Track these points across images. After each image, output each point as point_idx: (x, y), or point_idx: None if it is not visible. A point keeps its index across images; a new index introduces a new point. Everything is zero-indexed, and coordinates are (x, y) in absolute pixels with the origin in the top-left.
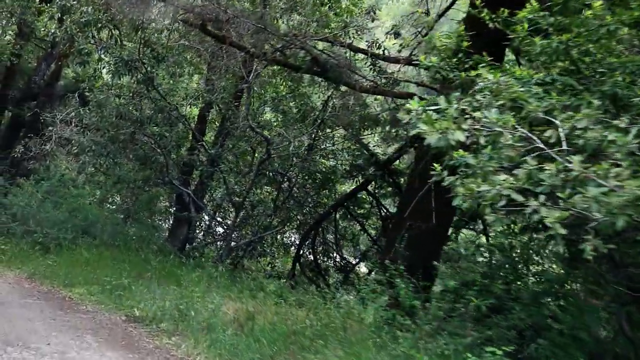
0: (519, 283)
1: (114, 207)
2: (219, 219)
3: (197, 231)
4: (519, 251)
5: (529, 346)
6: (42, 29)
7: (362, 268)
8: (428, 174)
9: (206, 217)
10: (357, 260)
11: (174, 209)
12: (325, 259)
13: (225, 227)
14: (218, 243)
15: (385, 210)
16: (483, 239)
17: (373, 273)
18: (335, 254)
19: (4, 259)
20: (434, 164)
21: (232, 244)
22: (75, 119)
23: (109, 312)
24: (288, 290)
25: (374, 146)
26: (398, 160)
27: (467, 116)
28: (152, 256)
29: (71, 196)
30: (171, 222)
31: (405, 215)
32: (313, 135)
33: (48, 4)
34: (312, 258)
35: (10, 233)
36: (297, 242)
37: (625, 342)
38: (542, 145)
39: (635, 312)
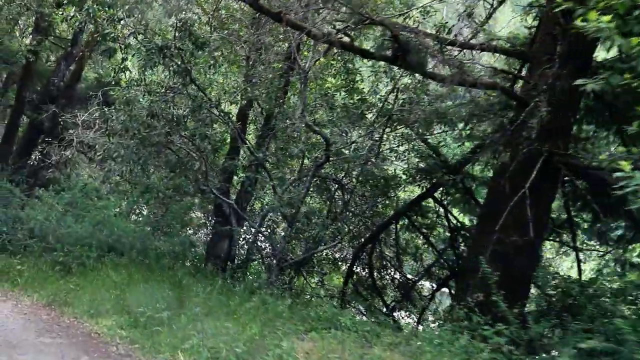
0: None
1: (140, 219)
2: (265, 232)
3: (239, 246)
4: None
5: None
6: (61, 20)
7: (426, 284)
8: (522, 177)
9: (250, 230)
10: (419, 276)
11: (212, 221)
12: (382, 276)
13: (273, 241)
14: (265, 260)
15: (455, 221)
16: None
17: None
18: (393, 270)
19: (20, 282)
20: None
21: (283, 261)
22: (100, 120)
23: (146, 356)
24: (364, 323)
25: (442, 146)
26: (470, 164)
27: None
28: (190, 278)
29: (95, 208)
30: (207, 235)
31: (487, 226)
32: (379, 135)
33: None
34: (364, 274)
35: (27, 251)
36: (350, 257)
37: None
38: None
39: None
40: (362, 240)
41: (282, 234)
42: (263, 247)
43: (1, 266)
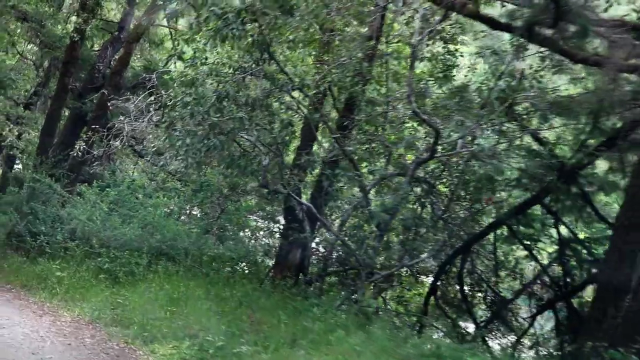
0: None
1: (193, 220)
2: (347, 240)
3: (313, 256)
4: None
5: None
6: None
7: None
8: None
9: (327, 238)
10: (515, 295)
11: (282, 225)
12: (472, 292)
13: (358, 251)
14: (347, 274)
15: (566, 231)
16: None
17: None
18: (485, 286)
19: (59, 292)
20: None
21: (370, 275)
22: (155, 106)
23: None
24: None
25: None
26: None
27: None
28: (259, 293)
29: (143, 207)
30: (267, 241)
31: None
32: (500, 127)
33: None
34: (448, 289)
35: (67, 255)
36: (436, 270)
37: None
38: None
39: None
40: (452, 251)
41: (369, 242)
42: (341, 256)
43: (39, 271)
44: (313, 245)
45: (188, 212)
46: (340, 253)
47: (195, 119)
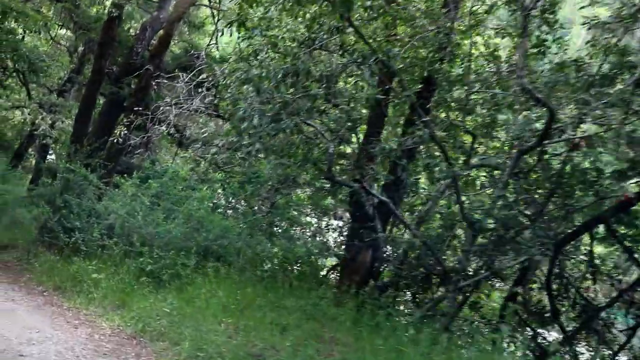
0: None
1: (239, 215)
2: (429, 241)
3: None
4: None
5: None
6: None
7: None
8: None
9: (399, 237)
10: (610, 302)
11: (349, 222)
12: (559, 298)
13: (439, 253)
14: (428, 280)
15: None
16: None
17: None
18: (574, 291)
19: (96, 296)
20: None
21: (459, 282)
22: (207, 84)
23: None
24: None
25: None
26: None
27: None
28: (328, 303)
29: (188, 201)
30: (333, 241)
31: None
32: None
33: None
34: (530, 295)
35: (105, 253)
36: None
37: None
38: None
39: None
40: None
41: (455, 244)
42: (419, 259)
43: (73, 271)
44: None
45: (233, 206)
46: (418, 256)
47: (262, 97)
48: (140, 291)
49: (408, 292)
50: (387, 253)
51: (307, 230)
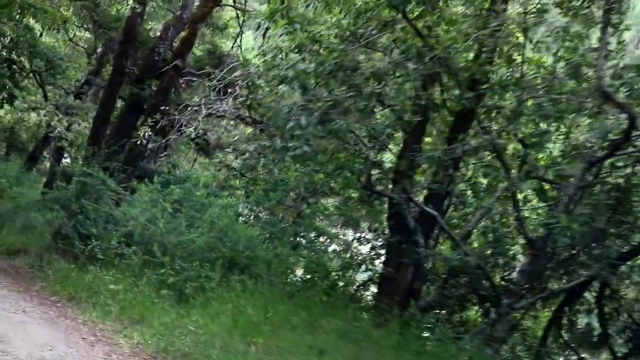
0: None
1: (260, 225)
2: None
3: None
4: None
5: None
6: None
7: None
8: None
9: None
10: None
11: (383, 235)
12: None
13: (489, 271)
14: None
15: None
16: None
17: None
18: (626, 316)
19: (113, 309)
20: None
21: (511, 306)
22: (240, 82)
23: None
24: None
25: None
26: None
27: None
28: (366, 325)
29: (211, 208)
30: (373, 254)
31: None
32: None
33: None
34: (575, 318)
35: (123, 263)
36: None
37: None
38: None
39: None
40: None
41: (509, 260)
42: (465, 277)
43: (89, 281)
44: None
45: (256, 215)
46: (468, 274)
47: (308, 95)
48: (161, 305)
49: (445, 312)
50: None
51: (336, 243)
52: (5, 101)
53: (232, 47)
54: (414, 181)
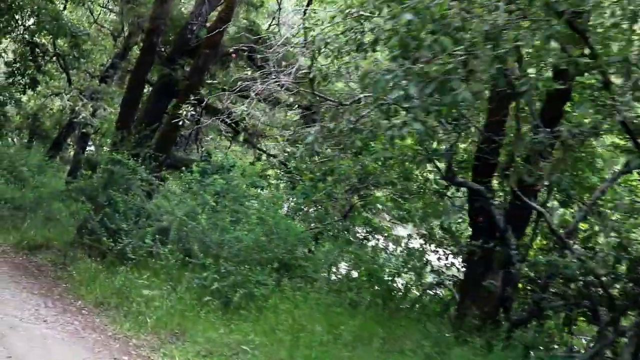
0: None
1: (314, 219)
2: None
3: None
4: None
5: None
6: None
7: None
8: None
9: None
10: None
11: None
12: None
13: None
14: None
15: None
16: None
17: None
18: None
19: (148, 321)
20: None
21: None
22: (304, 49)
23: None
24: None
25: None
26: None
27: None
28: (453, 341)
29: (257, 202)
30: (445, 256)
31: None
32: None
33: None
34: None
35: (158, 263)
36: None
37: None
38: None
39: None
40: None
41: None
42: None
43: (119, 284)
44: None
45: (301, 208)
46: (581, 282)
47: (408, 56)
48: (205, 315)
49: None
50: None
51: (395, 242)
52: (27, 86)
53: (269, 25)
54: (519, 171)
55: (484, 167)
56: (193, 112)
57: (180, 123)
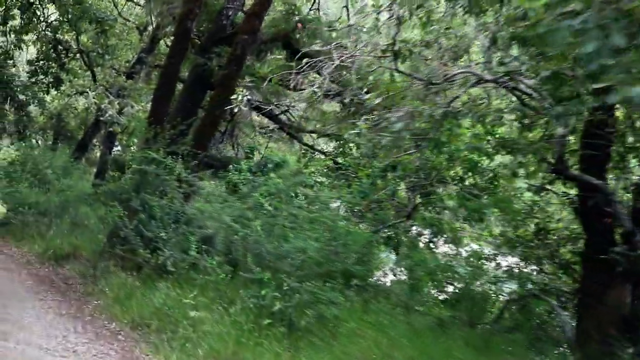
0: None
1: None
2: None
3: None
4: None
5: None
6: None
7: None
8: None
9: None
10: None
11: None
12: None
13: None
14: None
15: None
16: None
17: None
18: None
19: (200, 349)
20: None
21: None
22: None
23: None
24: None
25: None
26: None
27: None
28: None
29: (315, 204)
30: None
31: None
32: None
33: None
34: None
35: (204, 279)
36: None
37: None
38: None
39: None
40: None
41: None
42: None
43: (159, 304)
44: None
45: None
46: None
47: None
48: (266, 342)
49: None
50: None
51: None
52: (51, 85)
53: (310, 10)
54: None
55: (594, 158)
56: (249, 97)
57: (243, 108)
